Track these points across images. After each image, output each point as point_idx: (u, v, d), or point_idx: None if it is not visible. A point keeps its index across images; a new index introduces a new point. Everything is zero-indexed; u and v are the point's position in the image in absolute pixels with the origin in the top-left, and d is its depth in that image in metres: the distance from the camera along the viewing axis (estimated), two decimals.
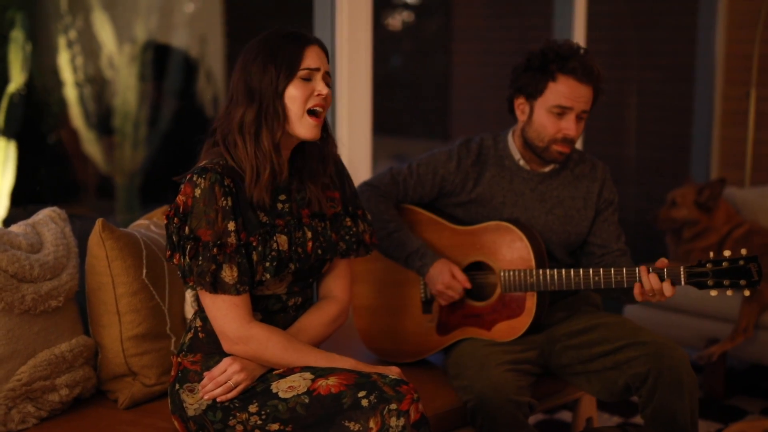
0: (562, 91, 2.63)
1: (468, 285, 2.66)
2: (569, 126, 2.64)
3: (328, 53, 2.20)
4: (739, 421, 3.65)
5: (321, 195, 2.25)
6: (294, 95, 2.13)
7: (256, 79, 2.13)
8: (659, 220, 4.12)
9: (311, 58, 2.14)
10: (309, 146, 2.24)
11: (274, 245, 2.15)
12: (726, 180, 4.09)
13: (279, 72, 2.12)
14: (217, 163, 2.12)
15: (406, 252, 2.70)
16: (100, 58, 3.62)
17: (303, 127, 2.14)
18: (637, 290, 2.44)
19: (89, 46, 3.57)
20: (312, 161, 2.24)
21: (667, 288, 2.40)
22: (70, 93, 3.52)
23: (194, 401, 2.17)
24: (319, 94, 2.14)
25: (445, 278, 2.65)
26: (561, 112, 2.64)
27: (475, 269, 2.72)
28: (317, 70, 2.14)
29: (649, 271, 2.43)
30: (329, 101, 2.18)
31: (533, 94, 2.67)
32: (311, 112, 2.14)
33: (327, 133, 2.26)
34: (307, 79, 2.14)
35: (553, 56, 2.63)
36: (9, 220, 3.05)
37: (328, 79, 2.18)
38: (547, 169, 2.77)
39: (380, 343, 2.84)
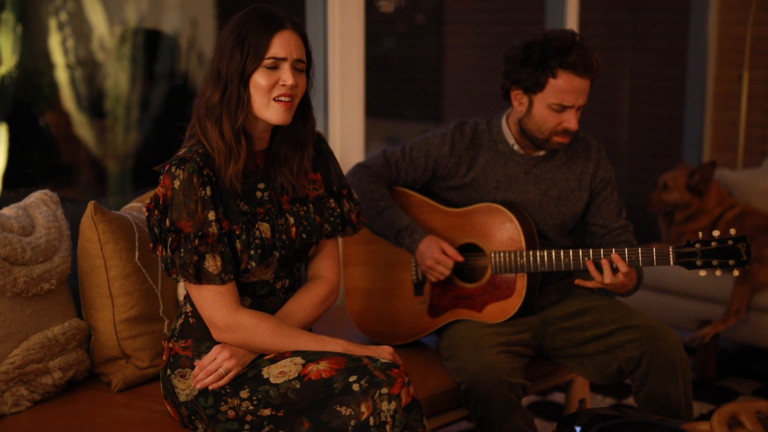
0: (563, 87, 2.59)
1: (460, 258, 2.65)
2: (570, 119, 2.63)
3: (304, 36, 2.15)
4: (731, 402, 3.67)
5: (294, 181, 2.21)
6: (259, 83, 2.08)
7: (224, 62, 2.09)
8: (651, 203, 4.13)
9: (279, 46, 2.08)
10: (281, 133, 2.21)
11: (257, 233, 2.13)
12: (716, 163, 4.10)
13: (245, 59, 2.07)
14: (195, 151, 2.10)
15: (395, 229, 2.70)
16: (91, 40, 3.60)
17: (270, 112, 2.11)
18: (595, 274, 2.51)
19: (80, 29, 3.55)
20: (284, 148, 2.21)
21: (620, 263, 2.47)
22: (62, 75, 3.50)
23: (186, 387, 2.17)
24: (283, 84, 2.08)
25: (435, 253, 2.64)
26: (561, 108, 2.63)
27: (467, 251, 2.72)
28: (284, 59, 2.08)
29: (623, 255, 2.46)
30: (299, 90, 2.12)
31: (532, 88, 2.63)
32: (277, 99, 2.10)
33: (304, 117, 2.21)
34: (274, 68, 2.09)
35: (552, 51, 2.58)
36: (0, 203, 3.04)
37: (301, 65, 2.12)
38: (541, 152, 2.77)
39: (373, 326, 2.85)
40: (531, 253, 2.59)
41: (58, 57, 3.48)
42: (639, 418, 2.35)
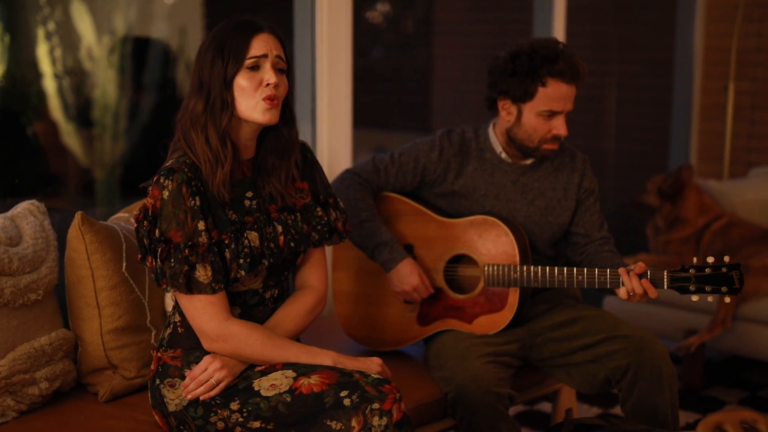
0: (552, 94, 2.62)
1: (432, 291, 2.69)
2: (560, 125, 2.66)
3: (281, 38, 2.16)
4: (717, 411, 3.68)
5: (283, 190, 2.22)
6: (243, 86, 2.10)
7: (206, 71, 2.11)
8: (634, 204, 4.23)
9: (258, 47, 2.10)
10: (267, 141, 2.21)
11: (246, 242, 2.14)
12: (684, 167, 4.11)
13: (226, 64, 2.09)
14: (183, 162, 2.11)
15: (374, 242, 2.70)
16: (79, 49, 3.60)
17: (256, 113, 2.11)
18: (621, 293, 2.46)
19: (68, 38, 3.55)
20: (271, 157, 2.22)
21: (651, 290, 2.42)
22: (49, 85, 3.49)
23: (175, 397, 2.17)
24: (267, 84, 2.10)
25: (415, 280, 2.66)
26: (551, 114, 2.65)
27: (459, 261, 2.73)
28: (264, 57, 2.10)
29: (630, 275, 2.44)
30: (282, 90, 2.14)
31: (522, 98, 2.66)
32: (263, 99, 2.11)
33: (287, 124, 2.22)
34: (255, 68, 2.10)
35: (540, 60, 2.61)
36: None
37: (281, 63, 2.14)
38: (528, 161, 2.78)
39: (359, 331, 2.85)
40: (525, 268, 2.60)
41: (45, 66, 3.47)
42: (626, 428, 2.36)
